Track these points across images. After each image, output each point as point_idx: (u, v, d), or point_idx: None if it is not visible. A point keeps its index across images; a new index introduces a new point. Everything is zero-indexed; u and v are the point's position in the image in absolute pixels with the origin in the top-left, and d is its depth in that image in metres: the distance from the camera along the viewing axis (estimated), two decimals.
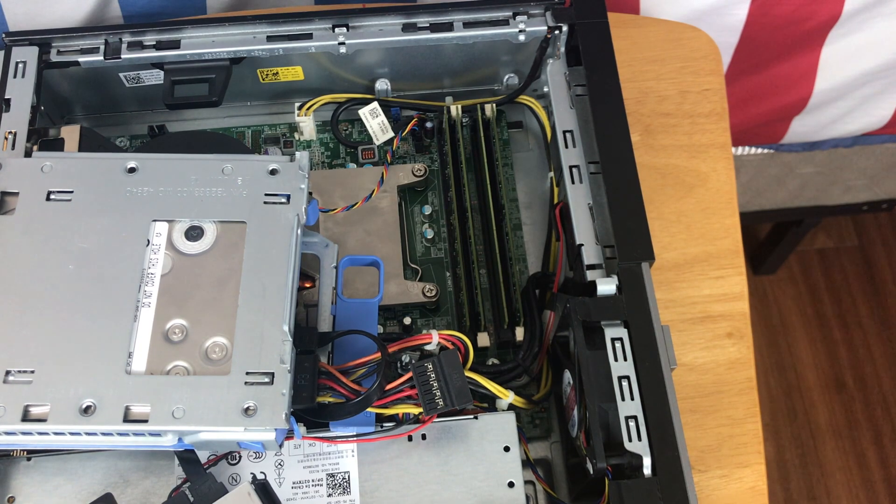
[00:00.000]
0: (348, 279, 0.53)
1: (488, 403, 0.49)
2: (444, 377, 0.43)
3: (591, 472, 0.43)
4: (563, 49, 0.55)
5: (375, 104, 0.59)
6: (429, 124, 0.59)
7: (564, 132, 0.53)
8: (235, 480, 0.46)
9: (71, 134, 0.52)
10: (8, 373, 0.41)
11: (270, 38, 0.55)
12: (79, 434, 0.41)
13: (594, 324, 0.45)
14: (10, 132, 0.51)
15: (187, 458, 0.44)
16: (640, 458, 0.42)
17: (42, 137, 0.51)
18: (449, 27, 0.55)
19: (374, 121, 0.59)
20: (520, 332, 0.52)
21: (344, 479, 0.46)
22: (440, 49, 0.57)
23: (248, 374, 0.41)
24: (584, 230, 0.49)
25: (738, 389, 0.55)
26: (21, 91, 0.52)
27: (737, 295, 0.58)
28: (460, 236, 0.56)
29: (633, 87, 0.65)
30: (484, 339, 0.52)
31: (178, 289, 0.44)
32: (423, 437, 0.47)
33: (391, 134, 0.59)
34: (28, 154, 0.50)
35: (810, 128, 0.93)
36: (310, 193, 0.47)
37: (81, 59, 0.54)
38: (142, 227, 0.45)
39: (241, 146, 0.59)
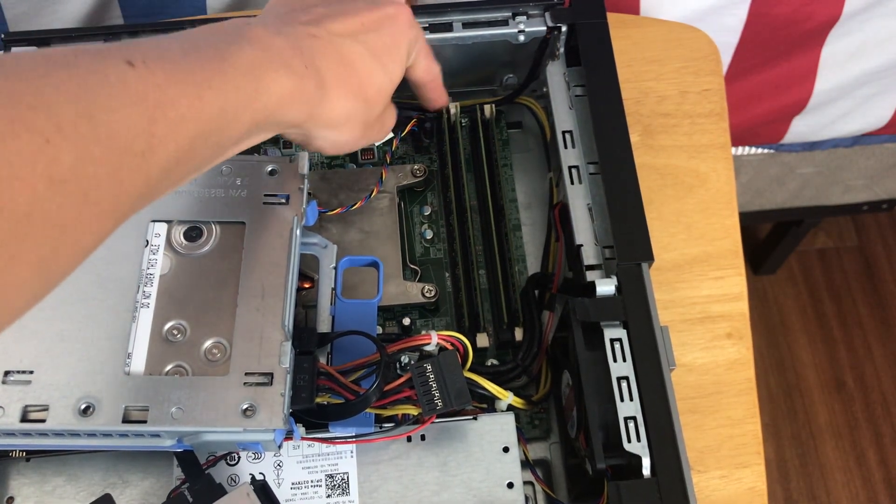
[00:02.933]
0: (347, 279, 0.53)
1: (487, 404, 0.49)
2: (444, 378, 0.43)
3: (591, 472, 0.43)
4: (562, 49, 0.55)
5: None
6: (428, 125, 0.59)
7: (564, 133, 0.53)
8: (234, 481, 0.46)
9: None
10: (7, 373, 0.41)
11: None
12: (78, 435, 0.41)
13: (593, 324, 0.45)
14: None
15: (186, 458, 0.44)
16: (639, 458, 0.42)
17: None
18: (448, 27, 0.55)
19: None
20: (519, 333, 0.52)
21: (343, 479, 0.46)
22: (439, 49, 0.57)
23: (246, 374, 0.41)
24: (583, 231, 0.49)
25: (737, 390, 0.55)
26: None
27: (736, 295, 0.58)
28: (459, 237, 0.56)
29: (632, 88, 0.65)
30: (483, 340, 0.52)
31: (177, 289, 0.44)
32: (423, 437, 0.47)
33: (390, 134, 0.59)
34: None
35: (810, 128, 0.93)
36: (309, 194, 0.47)
37: None
38: (140, 228, 0.45)
39: None
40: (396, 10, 0.45)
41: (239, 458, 0.47)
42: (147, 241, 0.45)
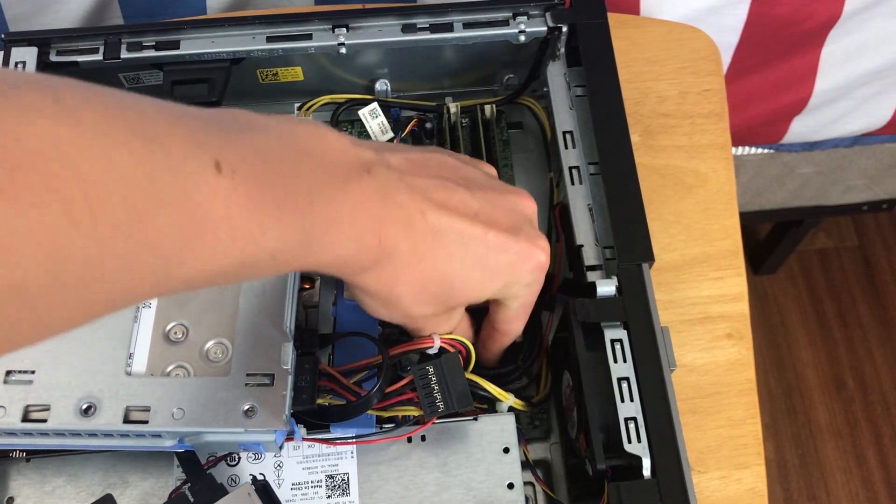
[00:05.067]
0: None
1: (488, 405, 0.49)
2: (446, 380, 0.43)
3: (591, 473, 0.43)
4: (562, 50, 0.55)
5: (375, 105, 0.59)
6: (428, 125, 0.59)
7: (564, 133, 0.53)
8: (235, 482, 0.46)
9: None
10: (9, 373, 0.41)
11: (270, 39, 0.55)
12: (79, 434, 0.41)
13: (594, 325, 0.45)
14: None
15: (187, 459, 0.44)
16: (639, 459, 0.42)
17: None
18: (449, 28, 0.55)
19: (374, 121, 0.59)
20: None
21: (343, 480, 0.46)
22: (440, 50, 0.57)
23: (248, 375, 0.41)
24: (583, 231, 0.49)
25: (737, 390, 0.55)
26: None
27: (736, 296, 0.58)
28: None
29: (632, 88, 0.65)
30: None
31: None
32: (423, 438, 0.47)
33: (391, 134, 0.59)
34: None
35: (810, 128, 0.93)
36: None
37: (81, 59, 0.54)
38: None
39: None
40: (542, 252, 0.41)
41: (239, 458, 0.47)
42: None
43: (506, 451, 0.47)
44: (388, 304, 0.40)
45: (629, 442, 0.42)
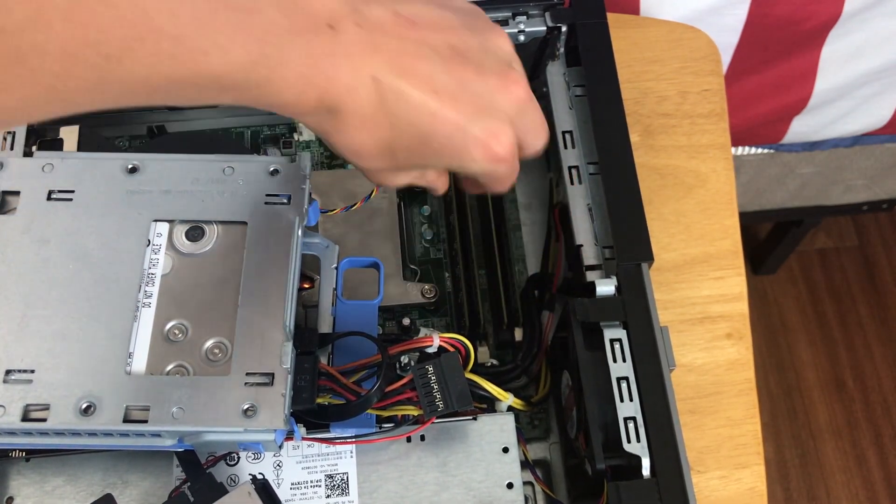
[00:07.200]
0: (348, 280, 0.53)
1: (487, 404, 0.49)
2: (445, 380, 0.43)
3: (590, 473, 0.44)
4: (562, 49, 0.55)
5: None
6: None
7: (564, 133, 0.53)
8: (234, 481, 0.46)
9: (70, 134, 0.52)
10: (8, 372, 0.41)
11: None
12: (79, 434, 0.41)
13: (593, 325, 0.45)
14: (8, 133, 0.51)
15: (187, 458, 0.44)
16: (638, 459, 0.42)
17: (41, 138, 0.51)
18: None
19: None
20: (519, 333, 0.52)
21: (343, 479, 0.46)
22: None
23: (247, 374, 0.41)
24: (583, 231, 0.49)
25: (737, 390, 0.56)
26: None
27: (736, 296, 0.58)
28: (459, 236, 0.56)
29: (632, 88, 0.65)
30: (484, 356, 0.53)
31: (179, 289, 0.44)
32: (422, 437, 0.47)
33: None
34: (27, 155, 0.50)
35: (810, 128, 0.93)
36: (310, 194, 0.47)
37: None
38: (142, 227, 0.45)
39: (241, 147, 0.59)
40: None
41: (238, 458, 0.47)
42: (149, 241, 0.45)
43: (505, 450, 0.47)
44: (333, 147, 0.39)
45: (628, 441, 0.42)
